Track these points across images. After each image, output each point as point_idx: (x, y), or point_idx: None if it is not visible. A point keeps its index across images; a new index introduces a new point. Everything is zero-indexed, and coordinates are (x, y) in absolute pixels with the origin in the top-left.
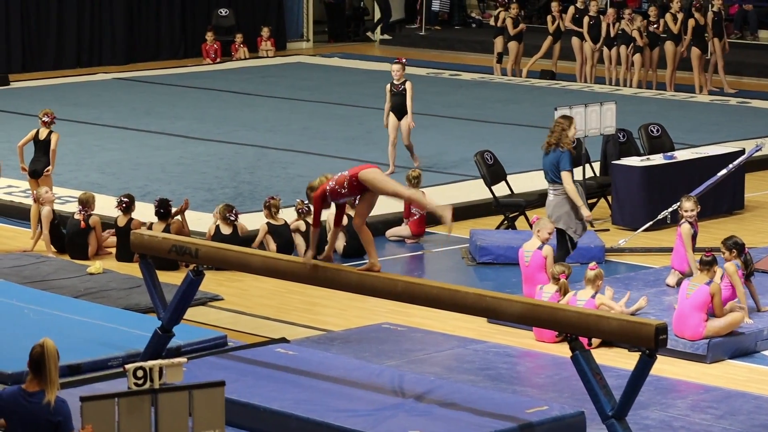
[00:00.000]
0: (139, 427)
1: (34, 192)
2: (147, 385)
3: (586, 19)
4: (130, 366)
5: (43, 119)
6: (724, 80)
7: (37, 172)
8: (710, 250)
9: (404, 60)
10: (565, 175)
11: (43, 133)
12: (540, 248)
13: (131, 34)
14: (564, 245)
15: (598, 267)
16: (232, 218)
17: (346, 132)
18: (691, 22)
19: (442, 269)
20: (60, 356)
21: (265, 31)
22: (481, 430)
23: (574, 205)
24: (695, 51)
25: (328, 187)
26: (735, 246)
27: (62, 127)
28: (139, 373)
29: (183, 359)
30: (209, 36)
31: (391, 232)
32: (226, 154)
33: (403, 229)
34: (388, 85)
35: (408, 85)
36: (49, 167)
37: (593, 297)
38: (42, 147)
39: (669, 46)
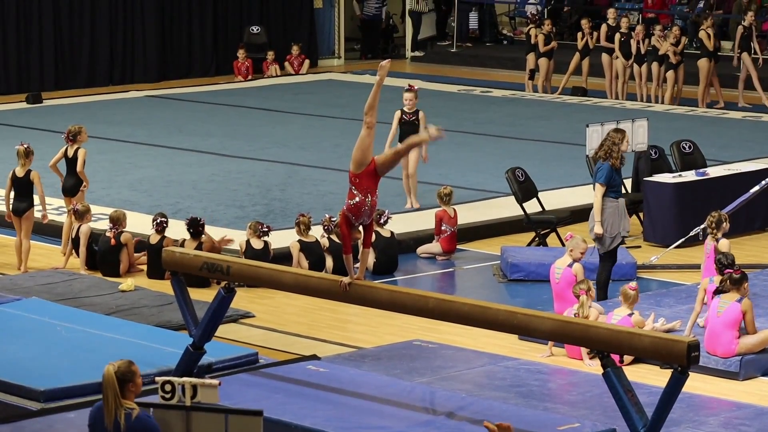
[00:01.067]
0: None
1: (71, 206)
2: (175, 400)
3: (617, 36)
4: (160, 378)
5: (68, 137)
6: (762, 95)
7: (68, 190)
8: (740, 268)
9: (416, 87)
10: (596, 188)
11: (71, 150)
12: (570, 266)
13: (163, 51)
14: (603, 259)
15: (637, 286)
16: (265, 229)
17: (377, 149)
18: (702, 35)
19: (473, 286)
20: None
21: (295, 49)
22: None
23: (608, 218)
24: (704, 63)
25: (345, 208)
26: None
27: (94, 145)
28: (167, 387)
29: (216, 381)
30: (241, 53)
31: (422, 249)
32: (257, 172)
33: (434, 246)
34: (398, 112)
35: (421, 115)
36: (84, 185)
37: (630, 315)
38: (71, 164)
39: (703, 62)
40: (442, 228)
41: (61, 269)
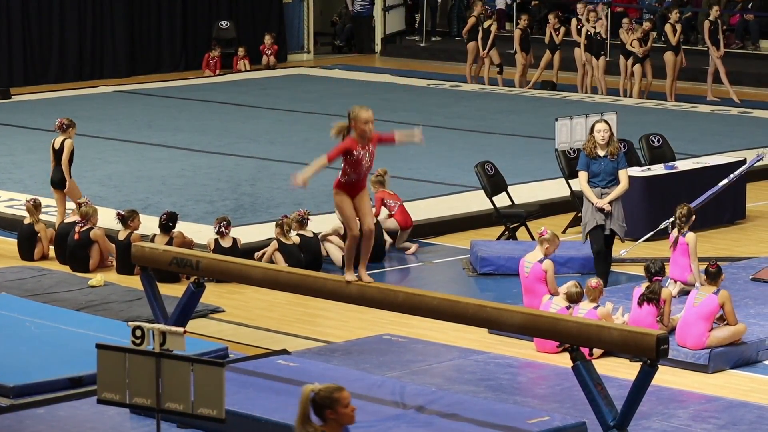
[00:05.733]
0: (147, 385)
1: (82, 199)
2: (145, 345)
3: (584, 30)
4: (132, 323)
5: (60, 127)
6: (730, 89)
7: (56, 182)
8: (716, 262)
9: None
10: (579, 175)
11: (58, 142)
12: (541, 261)
13: (132, 47)
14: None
15: (599, 281)
16: (216, 229)
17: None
18: (667, 28)
19: (443, 280)
20: (60, 368)
21: (268, 39)
22: None
23: (584, 207)
24: (669, 56)
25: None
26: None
27: None
28: (138, 332)
29: (181, 328)
30: (216, 50)
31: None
32: (227, 167)
33: (390, 222)
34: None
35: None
36: (66, 182)
37: (595, 309)
38: (58, 156)
39: (668, 56)
40: (389, 204)
41: (29, 265)
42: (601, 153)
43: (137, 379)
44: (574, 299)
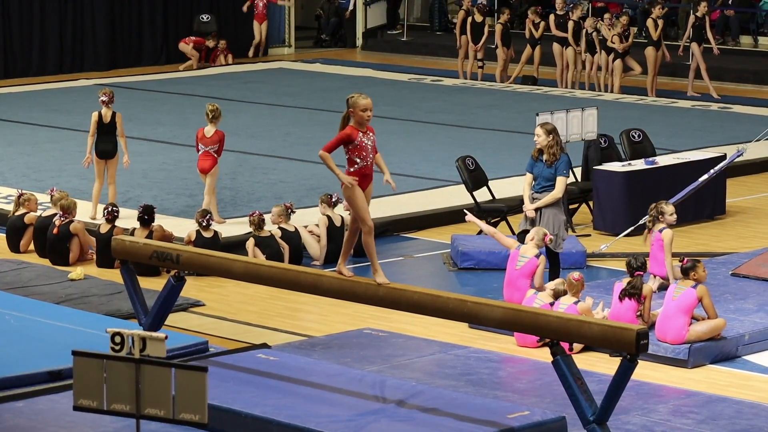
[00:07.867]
0: (126, 392)
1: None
2: (124, 352)
3: (570, 24)
4: (111, 329)
5: (102, 99)
6: (710, 85)
7: (109, 152)
8: (684, 258)
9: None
10: None
11: (107, 116)
12: (537, 256)
13: (113, 40)
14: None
15: (581, 275)
16: (204, 224)
17: (328, 137)
18: (649, 23)
19: (424, 274)
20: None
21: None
22: None
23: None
24: (650, 52)
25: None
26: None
27: (44, 133)
28: (117, 339)
29: (163, 334)
30: (214, 41)
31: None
32: None
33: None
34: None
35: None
36: (125, 155)
37: (575, 303)
38: (107, 128)
39: (649, 51)
40: (199, 146)
41: (9, 258)
42: (544, 157)
43: (116, 385)
44: (559, 297)
